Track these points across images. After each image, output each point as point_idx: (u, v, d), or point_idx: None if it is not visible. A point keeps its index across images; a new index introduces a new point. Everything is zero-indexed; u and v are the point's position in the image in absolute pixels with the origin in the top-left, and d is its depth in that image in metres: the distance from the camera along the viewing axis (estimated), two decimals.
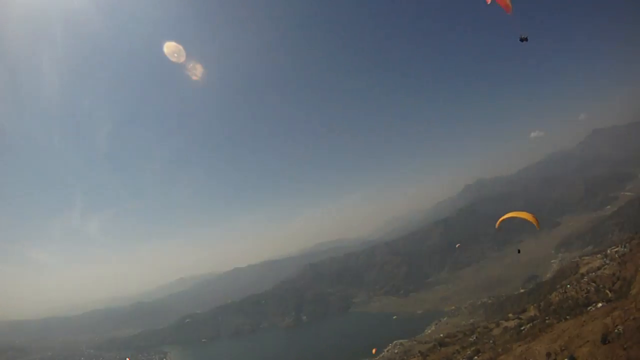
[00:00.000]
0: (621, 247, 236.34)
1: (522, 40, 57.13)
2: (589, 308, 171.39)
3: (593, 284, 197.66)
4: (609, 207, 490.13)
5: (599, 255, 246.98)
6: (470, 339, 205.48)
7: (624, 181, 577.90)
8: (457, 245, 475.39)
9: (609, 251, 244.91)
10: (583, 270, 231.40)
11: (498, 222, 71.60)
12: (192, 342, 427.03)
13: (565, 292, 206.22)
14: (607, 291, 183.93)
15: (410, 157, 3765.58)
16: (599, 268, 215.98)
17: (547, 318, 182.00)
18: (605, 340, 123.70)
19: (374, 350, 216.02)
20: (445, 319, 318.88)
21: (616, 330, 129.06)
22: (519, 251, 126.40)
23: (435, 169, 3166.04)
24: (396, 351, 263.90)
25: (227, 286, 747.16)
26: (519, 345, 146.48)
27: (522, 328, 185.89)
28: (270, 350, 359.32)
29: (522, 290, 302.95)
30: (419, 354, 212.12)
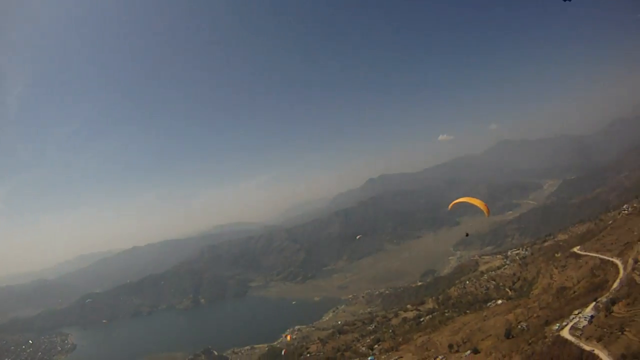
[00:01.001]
0: (522, 250, 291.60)
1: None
2: (488, 304, 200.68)
3: (493, 281, 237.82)
4: (510, 212, 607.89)
5: (499, 256, 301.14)
6: (369, 328, 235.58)
7: (527, 190, 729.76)
8: (357, 237, 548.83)
9: (509, 253, 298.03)
10: (483, 268, 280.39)
11: (451, 205, 79.37)
12: (92, 323, 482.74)
13: (465, 287, 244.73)
14: (508, 289, 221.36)
15: (317, 146, 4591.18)
16: (499, 267, 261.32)
17: (446, 311, 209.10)
18: (509, 335, 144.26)
19: (284, 352, 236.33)
20: (342, 306, 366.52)
21: (519, 326, 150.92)
22: (467, 234, 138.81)
23: (340, 159, 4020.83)
24: (294, 337, 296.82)
25: (127, 265, 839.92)
26: (420, 336, 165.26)
27: (422, 319, 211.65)
28: (169, 333, 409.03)
29: (419, 283, 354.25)
30: (318, 341, 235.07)
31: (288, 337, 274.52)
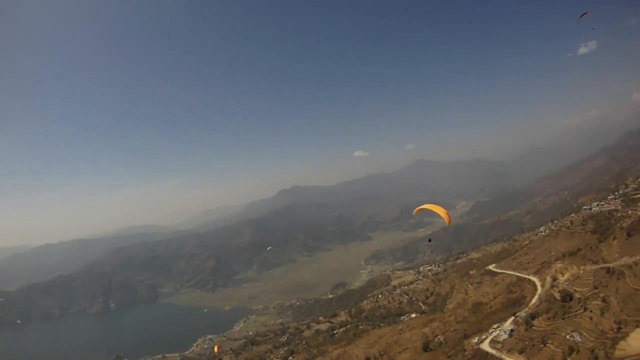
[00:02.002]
0: (434, 266, 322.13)
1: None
2: (402, 317, 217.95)
3: (406, 296, 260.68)
4: (422, 230, 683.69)
5: (411, 271, 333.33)
6: (282, 339, 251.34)
7: None
8: (268, 248, 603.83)
9: (422, 268, 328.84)
10: (395, 282, 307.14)
11: (415, 210, 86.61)
12: (3, 324, 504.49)
13: (378, 301, 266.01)
14: (421, 304, 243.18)
15: (230, 153, 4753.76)
16: (411, 282, 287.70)
17: (360, 324, 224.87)
18: (427, 347, 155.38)
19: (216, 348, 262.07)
20: (253, 317, 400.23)
21: (437, 340, 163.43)
22: (429, 240, 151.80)
23: (254, 168, 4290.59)
24: (206, 346, 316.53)
25: (38, 263, 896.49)
26: (335, 348, 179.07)
27: (335, 332, 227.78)
28: (81, 339, 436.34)
29: (331, 296, 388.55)
30: (230, 352, 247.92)
31: (216, 348, 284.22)
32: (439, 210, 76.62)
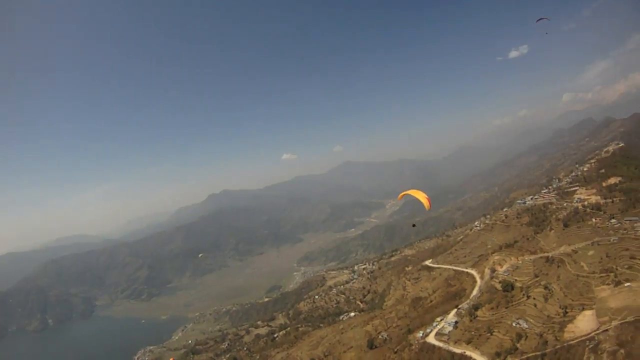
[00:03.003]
0: (369, 264, 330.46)
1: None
2: (342, 317, 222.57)
3: (343, 295, 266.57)
4: (353, 230, 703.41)
5: (346, 271, 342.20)
6: (223, 346, 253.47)
7: (370, 209, 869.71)
8: (200, 255, 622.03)
9: (356, 267, 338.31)
10: (330, 282, 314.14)
11: (400, 196, 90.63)
12: None
13: (314, 302, 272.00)
14: (359, 302, 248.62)
15: (158, 159, 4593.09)
16: (347, 282, 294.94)
17: (299, 326, 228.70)
18: (372, 345, 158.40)
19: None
20: (191, 325, 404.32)
21: (380, 336, 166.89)
22: (413, 225, 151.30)
23: (182, 174, 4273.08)
24: (146, 358, 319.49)
25: None
26: (278, 352, 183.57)
27: (275, 335, 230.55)
28: None
29: (266, 299, 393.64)
30: None
31: None
32: (419, 195, 78.93)
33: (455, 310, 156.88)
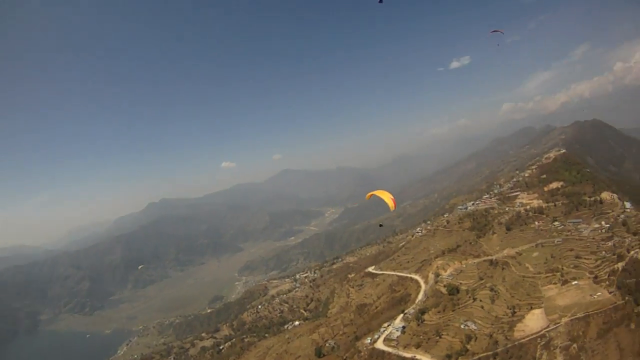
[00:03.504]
0: (310, 273, 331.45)
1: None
2: (286, 326, 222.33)
3: (286, 304, 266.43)
4: (292, 238, 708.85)
5: (288, 280, 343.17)
6: None
7: (309, 217, 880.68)
8: (139, 267, 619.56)
9: (298, 276, 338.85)
10: (273, 292, 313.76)
11: (368, 196, 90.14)
12: None
13: (258, 312, 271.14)
14: (303, 311, 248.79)
15: (96, 168, 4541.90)
16: (290, 290, 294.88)
17: (244, 336, 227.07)
18: (320, 353, 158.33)
19: None
20: (135, 338, 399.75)
21: (328, 344, 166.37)
22: (380, 225, 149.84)
23: (120, 182, 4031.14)
24: None
25: None
26: None
27: (221, 347, 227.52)
28: None
29: (209, 310, 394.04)
30: None
31: None
32: (385, 196, 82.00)
33: (402, 315, 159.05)
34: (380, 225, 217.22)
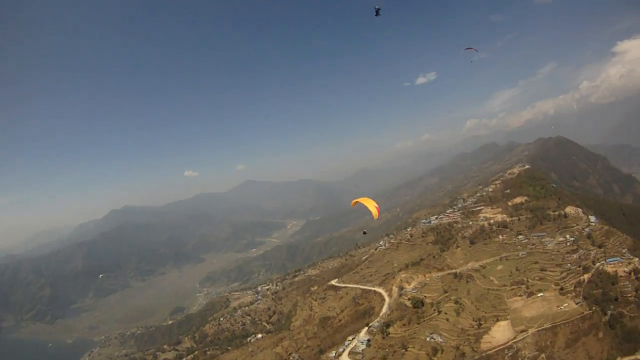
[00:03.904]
0: (273, 285, 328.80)
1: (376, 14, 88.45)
2: (249, 339, 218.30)
3: (248, 316, 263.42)
4: (254, 250, 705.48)
5: (249, 292, 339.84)
6: None
7: (271, 229, 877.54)
8: (100, 276, 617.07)
9: (260, 288, 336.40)
10: (235, 304, 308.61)
11: (353, 203, 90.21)
12: None
13: (220, 324, 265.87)
14: (265, 323, 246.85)
15: (58, 171, 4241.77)
16: (252, 303, 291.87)
17: (207, 349, 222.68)
18: None
19: None
20: (97, 349, 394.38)
21: (292, 358, 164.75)
22: (364, 232, 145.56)
23: (82, 187, 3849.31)
24: None
25: None
26: None
27: (183, 359, 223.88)
28: None
29: (170, 322, 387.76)
30: None
31: None
32: (369, 204, 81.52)
33: (367, 328, 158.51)
34: (364, 233, 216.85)
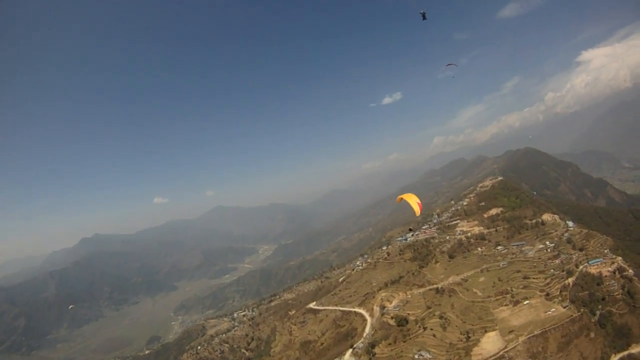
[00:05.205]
0: (249, 311, 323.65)
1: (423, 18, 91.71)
2: None
3: (226, 344, 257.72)
4: (227, 276, 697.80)
5: (226, 318, 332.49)
6: None
7: (243, 254, 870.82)
8: (70, 307, 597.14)
9: (236, 315, 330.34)
10: (211, 332, 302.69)
11: (398, 199, 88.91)
12: None
13: (198, 352, 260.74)
14: (244, 350, 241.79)
15: (26, 199, 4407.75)
16: (229, 330, 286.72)
17: None
18: None
19: None
20: None
21: None
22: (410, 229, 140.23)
23: (52, 215, 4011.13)
24: None
25: None
26: None
27: None
28: None
29: (147, 351, 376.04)
30: None
31: None
32: (411, 200, 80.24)
33: (351, 350, 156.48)
34: (410, 230, 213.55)
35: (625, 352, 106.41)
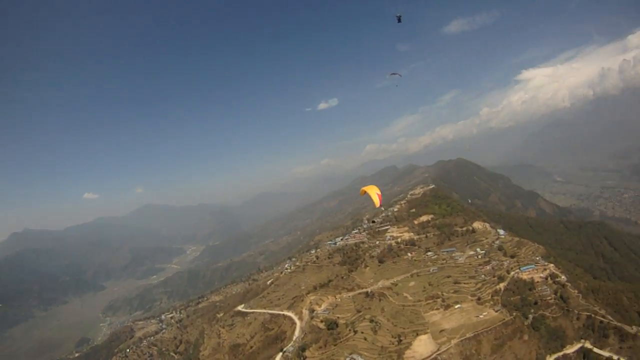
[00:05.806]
0: (176, 313, 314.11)
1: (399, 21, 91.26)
2: None
3: (155, 347, 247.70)
4: (154, 276, 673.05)
5: (153, 320, 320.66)
6: None
7: (171, 255, 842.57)
8: None
9: (164, 317, 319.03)
10: (140, 334, 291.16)
11: (362, 191, 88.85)
12: None
13: (127, 356, 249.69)
14: (173, 354, 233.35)
15: None
16: (157, 332, 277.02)
17: None
18: None
19: None
20: None
21: None
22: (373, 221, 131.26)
23: None
24: None
25: None
26: None
27: None
28: None
29: (77, 354, 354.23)
30: None
31: None
32: (372, 192, 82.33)
33: (281, 353, 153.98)
34: (373, 222, 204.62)
35: (560, 353, 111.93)
